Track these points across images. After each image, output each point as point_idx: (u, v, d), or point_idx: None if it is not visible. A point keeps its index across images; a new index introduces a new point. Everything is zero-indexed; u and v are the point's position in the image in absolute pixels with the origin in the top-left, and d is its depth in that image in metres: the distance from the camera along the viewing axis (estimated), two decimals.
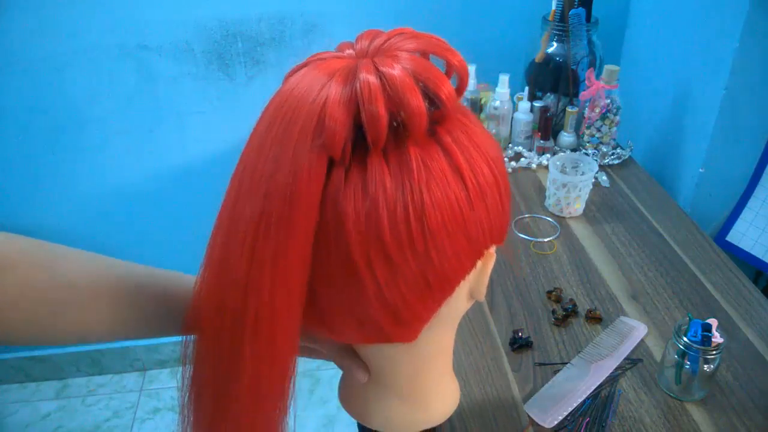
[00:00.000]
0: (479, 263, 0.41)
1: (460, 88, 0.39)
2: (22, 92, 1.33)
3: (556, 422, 0.72)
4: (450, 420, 0.64)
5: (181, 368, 0.42)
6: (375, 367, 0.50)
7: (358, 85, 0.34)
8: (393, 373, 0.49)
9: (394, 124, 0.35)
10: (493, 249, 0.42)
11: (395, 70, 0.34)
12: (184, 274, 0.52)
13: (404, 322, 0.40)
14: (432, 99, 0.36)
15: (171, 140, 1.45)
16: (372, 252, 0.35)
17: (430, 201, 0.35)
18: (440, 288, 0.39)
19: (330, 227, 0.35)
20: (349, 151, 0.34)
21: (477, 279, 0.43)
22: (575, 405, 0.74)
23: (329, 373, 1.76)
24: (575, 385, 0.77)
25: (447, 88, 0.36)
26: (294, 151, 0.34)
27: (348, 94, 0.34)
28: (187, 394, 0.41)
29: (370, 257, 0.35)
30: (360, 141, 0.35)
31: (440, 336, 0.48)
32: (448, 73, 0.39)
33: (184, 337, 0.42)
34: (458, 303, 0.43)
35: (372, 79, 0.34)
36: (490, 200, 0.39)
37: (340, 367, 0.53)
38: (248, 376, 0.37)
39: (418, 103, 0.34)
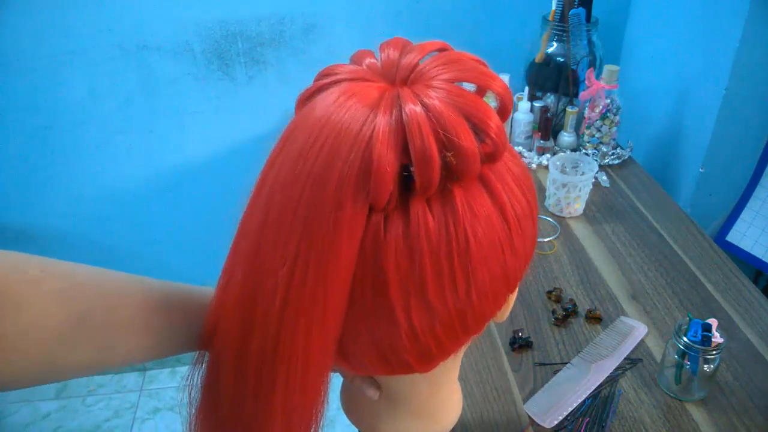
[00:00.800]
0: (511, 296, 0.40)
1: (503, 118, 0.35)
2: (21, 92, 1.33)
3: (556, 422, 0.72)
4: None
5: (180, 368, 0.40)
6: (390, 388, 0.49)
7: (405, 121, 0.31)
8: (410, 393, 0.49)
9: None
10: None
11: (440, 104, 0.31)
12: (198, 288, 0.46)
13: (433, 358, 0.38)
14: (479, 135, 0.33)
15: (171, 140, 1.45)
16: (412, 298, 0.33)
17: (475, 246, 0.33)
18: (475, 327, 0.38)
19: (367, 271, 0.33)
20: (395, 200, 0.32)
21: (505, 308, 0.42)
22: (575, 405, 0.74)
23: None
24: (575, 385, 0.77)
25: (495, 123, 0.33)
26: (334, 199, 0.30)
27: (394, 133, 0.31)
28: None
29: (409, 303, 0.34)
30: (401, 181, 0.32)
31: (453, 364, 0.48)
32: (497, 101, 0.35)
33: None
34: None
35: (420, 114, 0.31)
36: (527, 233, 0.37)
37: (350, 383, 0.51)
38: (279, 424, 0.35)
39: (471, 145, 0.31)
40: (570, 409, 0.74)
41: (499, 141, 0.33)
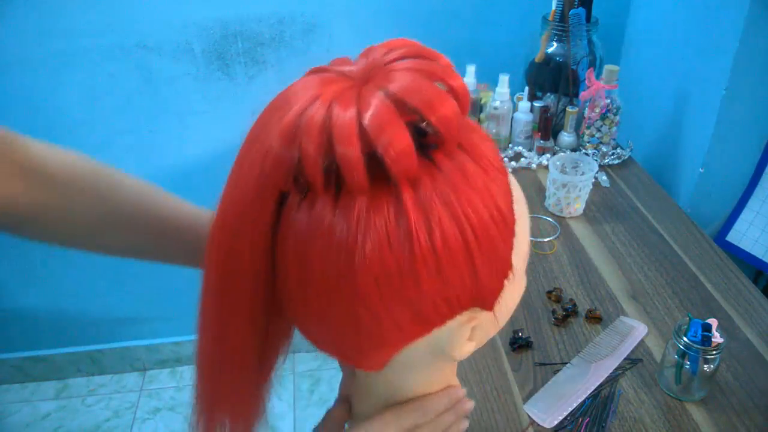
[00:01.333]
0: (447, 327, 0.37)
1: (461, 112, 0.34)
2: (21, 92, 1.33)
3: (556, 422, 0.72)
4: None
5: (180, 368, 0.43)
6: (358, 398, 0.50)
7: (303, 119, 0.32)
8: (402, 387, 0.48)
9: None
10: (478, 313, 0.37)
11: (346, 113, 0.31)
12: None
13: (350, 355, 0.39)
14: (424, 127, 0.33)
15: (171, 140, 1.45)
16: (305, 286, 0.34)
17: (362, 260, 0.31)
18: (377, 341, 0.36)
19: (278, 254, 0.35)
20: (300, 185, 0.33)
21: (449, 340, 0.38)
22: (575, 405, 0.74)
23: (329, 373, 1.76)
24: (575, 385, 0.77)
25: (398, 145, 0.30)
26: (250, 177, 0.35)
27: (294, 126, 0.32)
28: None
29: (305, 288, 0.34)
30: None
31: (414, 378, 0.46)
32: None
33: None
34: (419, 354, 0.39)
35: (317, 115, 0.31)
36: (448, 271, 0.33)
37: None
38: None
39: (352, 155, 0.30)
40: (570, 409, 0.74)
41: (442, 130, 0.32)
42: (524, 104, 1.27)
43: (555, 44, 1.25)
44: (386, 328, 0.35)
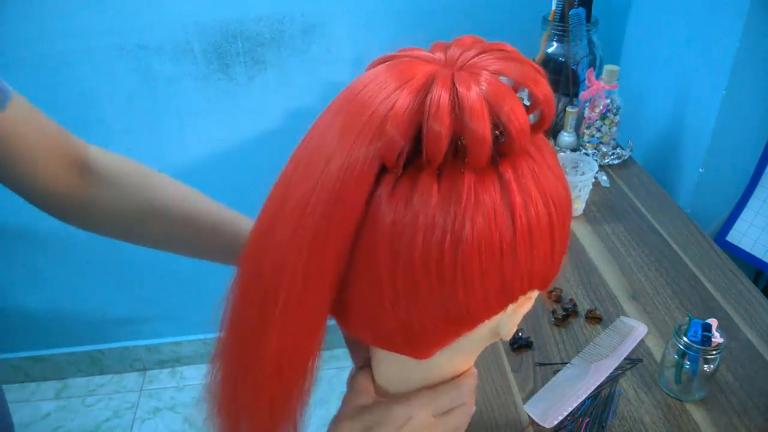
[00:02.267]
0: (511, 306, 0.39)
1: (541, 123, 0.37)
2: (22, 92, 1.33)
3: (556, 422, 0.72)
4: None
5: (180, 368, 0.42)
6: (386, 379, 0.49)
7: (429, 99, 0.33)
8: (404, 386, 0.48)
9: (459, 144, 0.34)
10: (533, 293, 0.40)
11: (471, 92, 0.33)
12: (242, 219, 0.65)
13: (415, 342, 0.39)
14: (503, 129, 0.35)
15: (171, 140, 1.45)
16: (398, 267, 0.35)
17: (471, 233, 0.34)
18: (459, 322, 0.38)
19: (367, 231, 0.35)
20: (402, 162, 0.34)
21: (506, 320, 0.41)
22: (575, 405, 0.74)
23: (329, 373, 1.76)
24: (575, 385, 0.77)
25: (519, 121, 0.34)
26: (351, 149, 0.33)
27: (416, 105, 0.33)
28: (214, 361, 0.43)
29: (394, 272, 0.35)
30: (419, 155, 0.34)
31: (456, 361, 0.47)
32: (532, 106, 0.36)
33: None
34: (479, 337, 0.41)
35: (444, 95, 0.32)
36: (538, 247, 0.36)
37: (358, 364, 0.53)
38: (273, 347, 0.37)
39: (483, 131, 0.33)
40: (570, 409, 0.74)
41: (518, 139, 0.34)
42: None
43: (555, 44, 1.25)
44: (476, 304, 0.37)
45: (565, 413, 0.73)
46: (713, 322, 0.72)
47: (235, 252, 0.60)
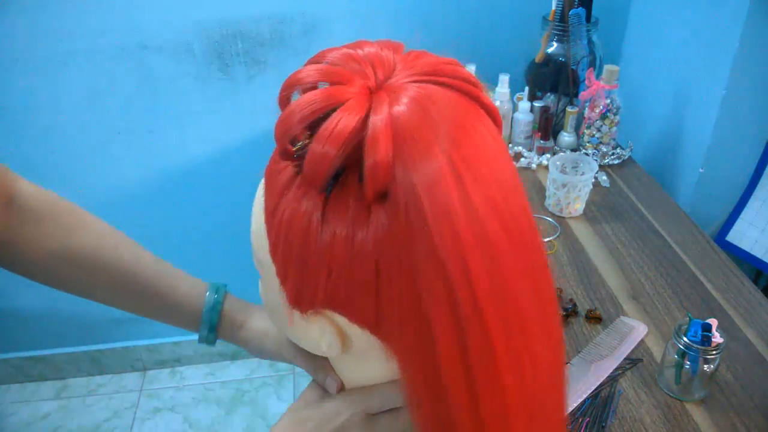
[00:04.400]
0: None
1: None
2: (22, 92, 1.33)
3: None
4: None
5: (180, 368, 0.43)
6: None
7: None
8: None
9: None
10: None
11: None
12: (180, 276, 0.63)
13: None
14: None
15: (171, 140, 1.45)
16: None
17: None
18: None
19: None
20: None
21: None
22: (575, 405, 0.74)
23: None
24: (575, 385, 0.77)
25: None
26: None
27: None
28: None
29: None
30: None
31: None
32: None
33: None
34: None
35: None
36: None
37: (314, 377, 0.52)
38: None
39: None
40: (569, 409, 0.74)
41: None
42: (524, 104, 1.27)
43: (555, 44, 1.25)
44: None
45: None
46: (713, 322, 0.72)
47: (166, 309, 0.62)
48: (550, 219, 1.10)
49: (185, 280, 0.64)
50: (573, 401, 0.75)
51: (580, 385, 0.77)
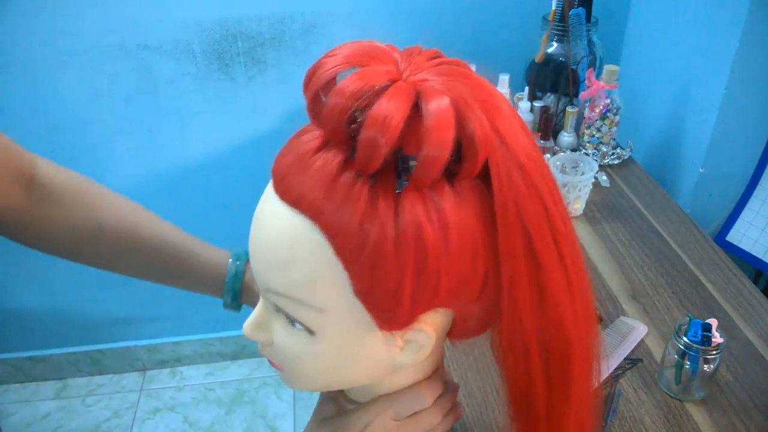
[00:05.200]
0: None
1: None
2: (22, 92, 1.33)
3: None
4: None
5: (180, 368, 0.42)
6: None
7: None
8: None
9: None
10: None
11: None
12: (203, 247, 0.65)
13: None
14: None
15: (171, 140, 1.45)
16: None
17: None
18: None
19: None
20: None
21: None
22: None
23: None
24: None
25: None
26: None
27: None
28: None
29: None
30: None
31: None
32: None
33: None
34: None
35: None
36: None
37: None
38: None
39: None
40: None
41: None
42: (524, 104, 1.27)
43: (555, 44, 1.25)
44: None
45: None
46: (713, 322, 0.72)
47: (189, 278, 0.63)
48: None
49: (208, 249, 0.65)
50: None
51: None
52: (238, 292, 0.64)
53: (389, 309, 0.36)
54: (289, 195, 0.35)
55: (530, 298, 0.35)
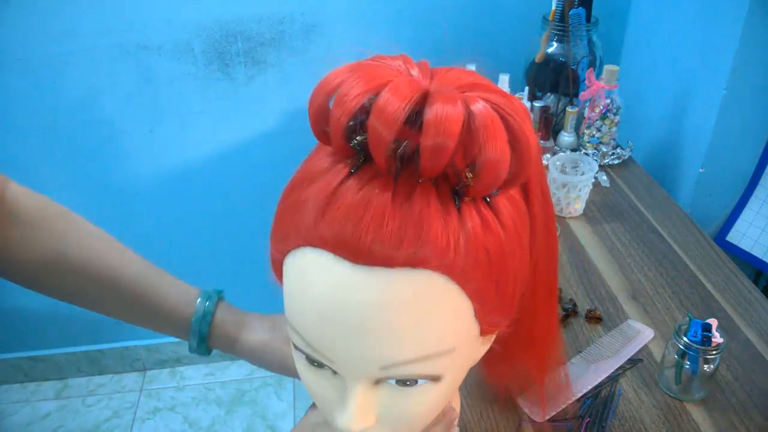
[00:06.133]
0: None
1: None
2: (22, 92, 1.33)
3: (548, 416, 0.72)
4: None
5: (180, 368, 0.42)
6: None
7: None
8: None
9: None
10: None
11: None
12: (174, 284, 0.61)
13: None
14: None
15: (171, 140, 1.45)
16: None
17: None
18: None
19: None
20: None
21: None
22: (569, 402, 0.74)
23: None
24: (571, 383, 0.77)
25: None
26: None
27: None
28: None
29: None
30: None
31: None
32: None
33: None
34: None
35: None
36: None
37: None
38: None
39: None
40: (563, 406, 0.74)
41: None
42: (524, 104, 1.27)
43: (555, 44, 1.25)
44: None
45: (558, 409, 0.73)
46: (713, 322, 0.72)
47: (152, 317, 0.59)
48: None
49: (176, 287, 0.60)
50: (573, 400, 0.75)
51: (576, 383, 0.77)
52: (206, 335, 0.59)
53: (508, 315, 0.38)
54: (395, 258, 0.31)
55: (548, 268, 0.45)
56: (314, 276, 0.33)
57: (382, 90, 0.30)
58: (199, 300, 0.59)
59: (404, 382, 0.35)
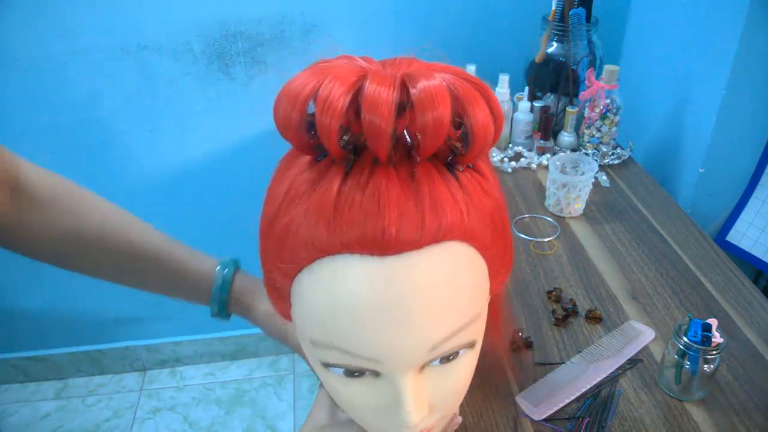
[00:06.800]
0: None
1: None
2: (22, 92, 1.33)
3: (544, 415, 0.72)
4: None
5: (180, 368, 0.42)
6: None
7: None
8: None
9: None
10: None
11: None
12: (194, 255, 0.63)
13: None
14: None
15: (171, 140, 1.45)
16: None
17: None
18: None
19: None
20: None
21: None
22: (567, 401, 0.74)
23: None
24: (570, 382, 0.77)
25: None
26: None
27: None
28: None
29: None
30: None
31: None
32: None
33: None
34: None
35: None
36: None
37: None
38: None
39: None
40: (561, 405, 0.74)
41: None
42: (524, 104, 1.27)
43: (555, 44, 1.25)
44: None
45: (556, 408, 0.73)
46: (713, 322, 0.72)
47: (175, 286, 0.62)
48: (550, 219, 1.10)
49: (195, 257, 0.64)
50: (565, 397, 0.75)
51: (575, 383, 0.77)
52: (225, 302, 0.63)
53: (509, 269, 0.41)
54: (423, 238, 0.32)
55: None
56: (345, 281, 0.33)
57: (363, 84, 0.31)
58: (218, 268, 0.63)
59: (447, 358, 0.36)
